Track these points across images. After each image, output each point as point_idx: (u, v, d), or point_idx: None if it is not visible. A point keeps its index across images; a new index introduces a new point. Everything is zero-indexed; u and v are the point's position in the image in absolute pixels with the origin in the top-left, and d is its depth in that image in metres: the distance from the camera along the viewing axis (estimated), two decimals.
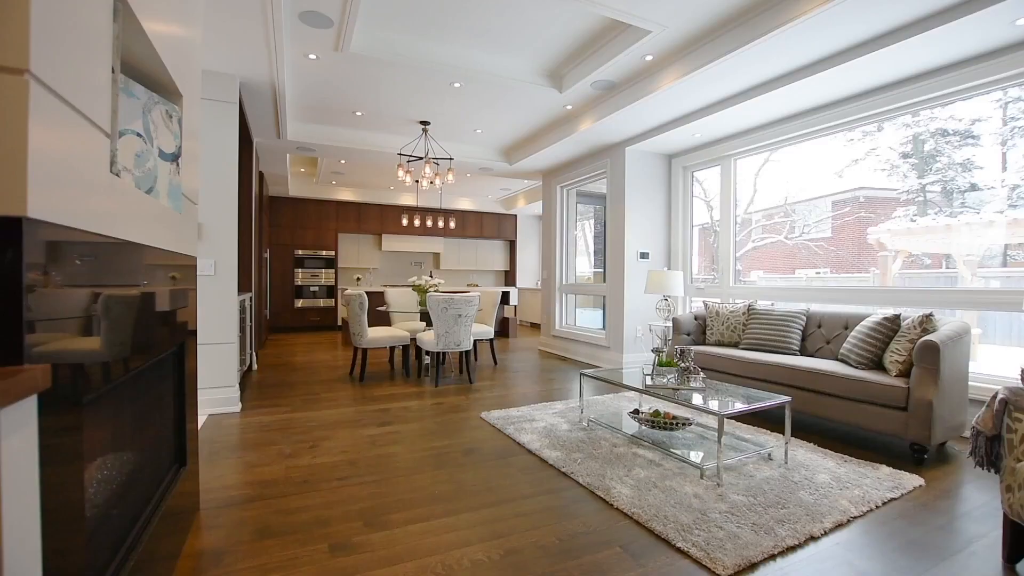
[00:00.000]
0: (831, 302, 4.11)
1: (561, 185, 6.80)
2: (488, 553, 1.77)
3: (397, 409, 3.70)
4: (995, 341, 4.59)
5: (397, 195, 9.78)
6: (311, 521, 2.00)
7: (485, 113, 5.06)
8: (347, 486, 2.33)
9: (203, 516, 2.03)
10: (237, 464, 2.60)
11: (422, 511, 2.09)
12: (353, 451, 2.80)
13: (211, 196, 3.63)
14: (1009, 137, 4.54)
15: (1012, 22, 2.74)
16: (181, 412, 1.85)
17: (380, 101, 4.74)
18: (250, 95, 4.17)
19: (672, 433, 3.00)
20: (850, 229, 6.58)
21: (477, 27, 3.55)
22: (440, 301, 4.34)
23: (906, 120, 4.83)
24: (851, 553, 1.80)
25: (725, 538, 1.85)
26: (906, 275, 5.19)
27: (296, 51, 3.64)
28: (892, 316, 3.11)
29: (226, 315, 3.67)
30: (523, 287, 10.69)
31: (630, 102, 4.20)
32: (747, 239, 7.37)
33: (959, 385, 2.79)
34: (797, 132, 4.32)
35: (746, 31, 3.16)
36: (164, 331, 1.55)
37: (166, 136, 1.54)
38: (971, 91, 3.29)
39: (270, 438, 3.02)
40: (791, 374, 3.27)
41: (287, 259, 9.00)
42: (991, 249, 4.62)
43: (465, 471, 2.53)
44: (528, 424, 3.27)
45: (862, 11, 2.76)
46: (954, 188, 5.43)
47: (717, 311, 4.26)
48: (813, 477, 2.42)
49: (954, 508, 2.16)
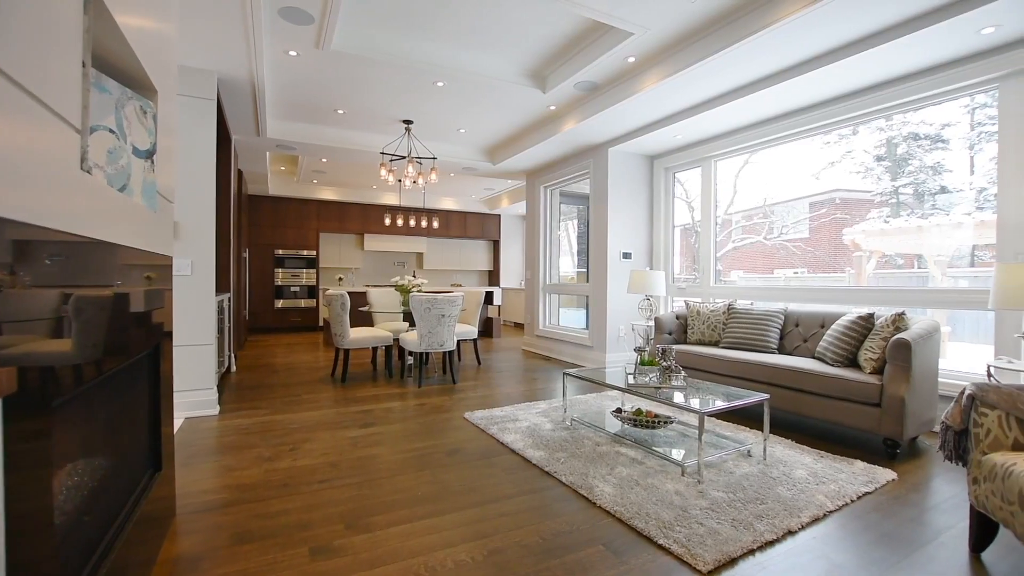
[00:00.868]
0: (808, 301, 4.20)
1: (545, 185, 6.81)
2: (471, 554, 1.76)
3: (380, 410, 3.67)
4: (963, 339, 4.75)
5: (380, 194, 9.70)
6: (291, 525, 1.97)
7: (469, 112, 5.05)
8: (328, 488, 2.30)
9: (179, 521, 1.98)
10: (215, 468, 2.55)
11: (405, 513, 2.07)
12: (335, 453, 2.77)
13: (188, 194, 3.55)
14: (976, 141, 4.70)
15: (978, 31, 2.83)
16: (156, 415, 1.81)
17: (362, 99, 4.70)
18: (228, 92, 4.09)
19: (654, 431, 3.03)
20: (826, 230, 6.73)
21: (461, 26, 3.54)
22: (423, 301, 4.31)
23: (880, 124, 4.96)
24: (827, 546, 1.84)
25: (705, 534, 1.88)
26: (880, 275, 5.33)
27: (276, 48, 3.59)
28: (866, 315, 3.19)
29: (203, 316, 3.60)
30: (507, 287, 10.70)
31: (613, 103, 4.24)
32: (727, 239, 7.49)
33: (929, 382, 2.88)
34: (775, 135, 4.41)
35: (725, 35, 3.21)
36: (138, 332, 1.52)
37: (140, 132, 1.51)
38: (941, 96, 3.40)
39: (249, 441, 2.96)
40: (770, 372, 3.34)
41: (267, 259, 8.85)
42: (960, 250, 4.77)
43: (448, 472, 2.52)
44: (511, 424, 3.27)
45: (836, 18, 2.83)
46: (925, 190, 5.60)
47: (698, 310, 4.32)
48: (791, 473, 2.47)
49: (924, 501, 2.23)
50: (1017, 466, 1.54)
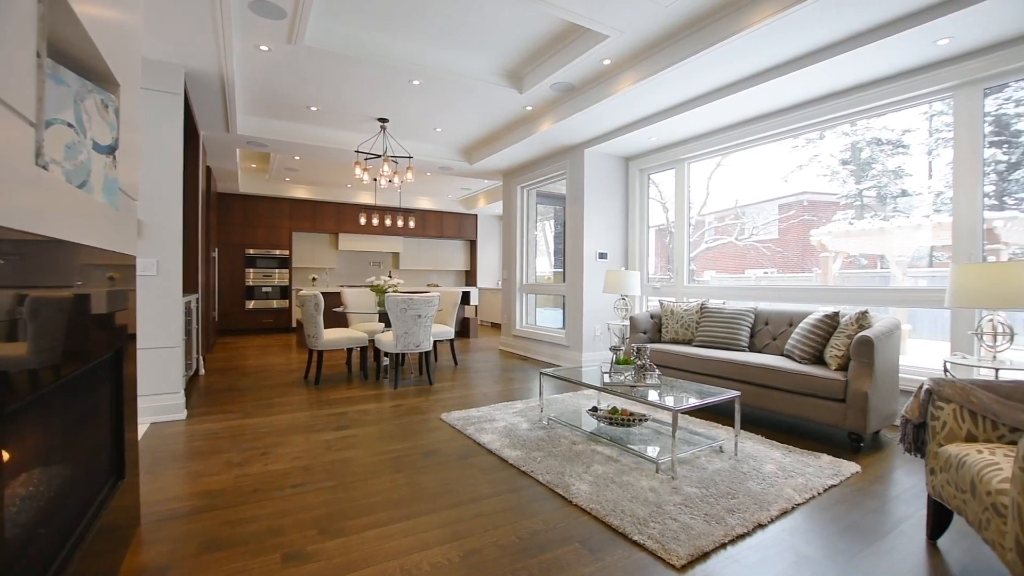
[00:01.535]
0: (777, 301, 4.31)
1: (521, 185, 6.83)
2: (448, 555, 1.76)
3: (354, 412, 3.61)
4: (923, 336, 4.95)
5: (355, 193, 9.56)
6: (262, 531, 1.92)
7: (445, 112, 5.02)
8: (301, 493, 2.26)
9: (144, 531, 1.92)
10: (182, 474, 2.47)
11: (380, 516, 2.05)
12: (308, 457, 2.72)
13: (153, 192, 3.43)
14: (934, 147, 4.90)
15: (933, 42, 2.96)
16: (119, 421, 1.74)
17: (336, 96, 4.62)
18: (196, 86, 3.97)
19: (629, 429, 3.07)
20: (795, 231, 6.93)
21: (437, 24, 3.51)
22: (399, 302, 4.27)
23: (845, 129, 5.13)
24: (795, 538, 1.90)
25: (679, 529, 1.91)
26: (845, 275, 5.52)
27: (246, 42, 3.50)
28: (832, 313, 3.29)
29: (170, 317, 3.48)
30: (484, 287, 10.68)
31: (589, 105, 4.28)
32: (700, 240, 7.63)
33: (891, 377, 3.00)
34: (746, 138, 4.52)
35: (698, 40, 3.27)
36: (99, 335, 1.46)
37: (101, 127, 1.45)
38: (901, 103, 3.54)
39: (218, 446, 2.88)
40: (741, 370, 3.42)
41: (237, 259, 8.63)
42: (919, 250, 4.98)
43: (425, 473, 2.50)
44: (488, 424, 3.27)
45: (802, 25, 2.92)
46: (887, 193, 5.81)
47: (672, 310, 4.40)
48: (761, 467, 2.54)
49: (886, 492, 2.32)
50: (969, 456, 1.62)
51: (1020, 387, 1.82)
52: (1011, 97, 3.89)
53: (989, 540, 1.45)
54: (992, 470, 1.49)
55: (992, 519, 1.42)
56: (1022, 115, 3.95)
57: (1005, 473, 1.45)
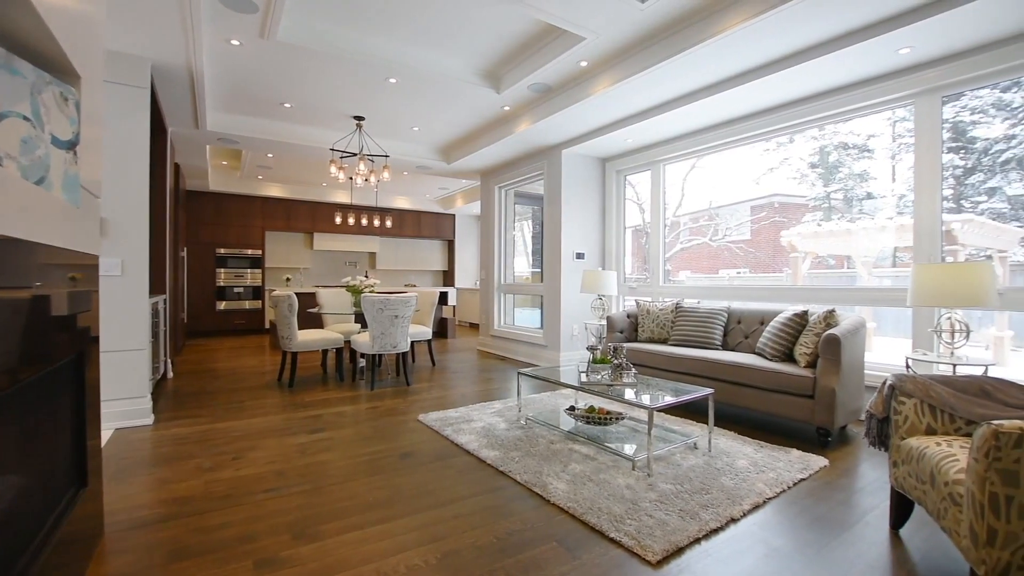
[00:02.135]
0: (749, 300, 4.42)
1: (499, 185, 6.83)
2: (425, 557, 1.74)
3: (330, 415, 3.56)
4: (887, 333, 5.14)
5: (330, 192, 9.41)
6: (233, 538, 1.87)
7: (422, 110, 4.98)
8: (274, 498, 2.21)
9: (108, 540, 1.85)
10: (149, 481, 2.39)
11: (356, 519, 2.02)
12: (281, 461, 2.66)
13: (118, 189, 3.31)
14: (897, 152, 5.10)
15: (895, 51, 3.08)
16: (81, 427, 1.67)
17: (311, 93, 4.54)
18: (164, 80, 3.85)
19: (606, 428, 3.10)
20: (766, 232, 7.12)
21: (414, 22, 3.48)
22: (376, 302, 4.22)
23: (814, 133, 5.30)
24: (767, 532, 1.94)
25: (655, 525, 1.94)
26: (814, 274, 5.69)
27: (217, 36, 3.41)
28: (801, 312, 3.39)
29: (136, 319, 3.37)
30: (462, 287, 10.64)
31: (566, 106, 4.30)
32: (675, 241, 7.77)
33: (857, 374, 3.10)
34: (720, 141, 4.61)
35: (673, 44, 3.33)
36: (60, 338, 1.40)
37: (60, 121, 1.39)
38: (866, 109, 3.66)
39: (187, 451, 2.80)
40: (714, 367, 3.49)
41: (207, 258, 8.39)
42: (883, 251, 5.17)
43: (402, 476, 2.48)
44: (466, 425, 3.26)
45: (773, 31, 2.99)
46: (853, 196, 6.02)
47: (648, 309, 4.46)
48: (734, 463, 2.59)
49: (852, 484, 2.40)
50: (929, 449, 1.68)
51: (975, 382, 1.90)
52: (967, 105, 4.07)
53: (946, 528, 1.51)
54: (949, 461, 1.55)
55: (949, 508, 1.48)
56: (977, 123, 4.13)
57: (961, 464, 1.51)
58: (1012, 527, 1.27)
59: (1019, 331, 4.07)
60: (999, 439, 1.27)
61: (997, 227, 3.91)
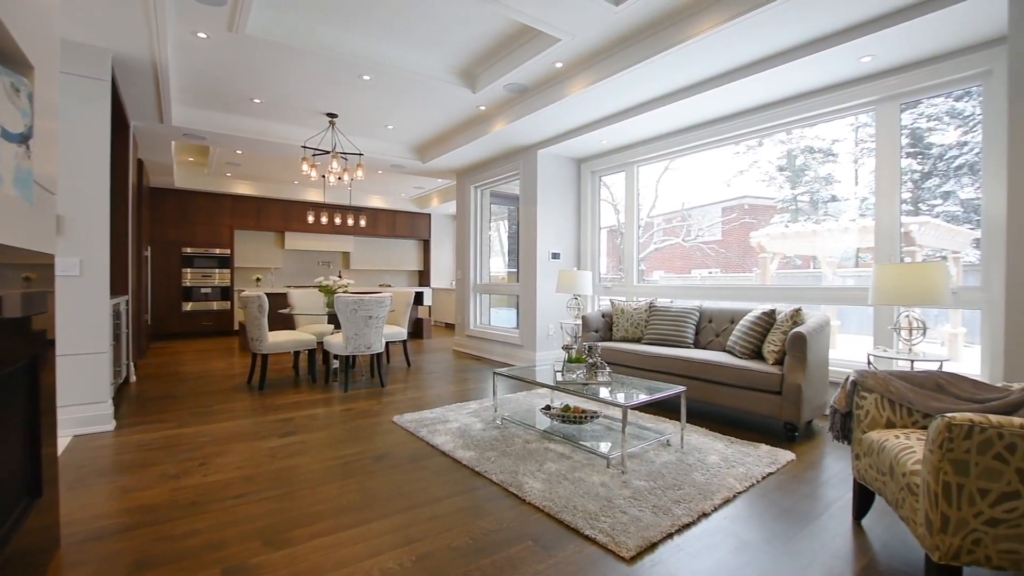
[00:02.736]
0: (720, 299, 4.52)
1: (475, 185, 6.81)
2: (399, 560, 1.73)
3: (302, 418, 3.49)
4: (850, 331, 5.34)
5: (302, 190, 9.22)
6: (201, 546, 1.82)
7: (397, 109, 4.93)
8: (244, 504, 2.16)
9: (65, 553, 1.77)
10: (109, 490, 2.30)
11: (329, 524, 1.98)
12: (251, 466, 2.59)
13: (76, 185, 3.17)
14: (860, 156, 5.29)
15: (858, 59, 3.19)
16: (34, 435, 1.60)
17: (282, 89, 4.44)
18: (126, 73, 3.71)
19: (581, 426, 3.12)
20: (736, 233, 7.29)
21: (388, 19, 3.44)
22: (349, 303, 4.16)
23: (781, 137, 5.45)
24: (737, 525, 1.99)
25: (628, 522, 1.96)
26: (782, 274, 5.86)
27: (183, 28, 3.30)
28: (769, 311, 3.48)
29: (96, 321, 3.23)
30: (437, 287, 10.57)
31: (541, 106, 4.32)
32: (649, 241, 7.90)
33: (822, 370, 3.20)
34: (692, 143, 4.70)
35: (646, 47, 3.38)
36: (11, 342, 1.33)
37: (11, 113, 1.32)
38: (831, 115, 3.79)
39: (151, 458, 2.70)
40: (686, 366, 3.55)
41: (173, 258, 8.12)
42: (847, 252, 5.36)
43: (376, 478, 2.45)
44: (442, 426, 3.24)
45: (742, 37, 3.07)
46: (819, 198, 6.23)
47: (622, 309, 4.51)
48: (705, 459, 2.65)
49: (818, 477, 2.48)
50: (888, 441, 1.75)
51: (931, 377, 1.99)
52: (924, 112, 4.26)
53: (904, 517, 1.57)
54: (907, 453, 1.62)
55: (907, 498, 1.55)
56: (933, 129, 4.32)
57: (918, 455, 1.58)
58: (963, 514, 1.34)
59: (971, 328, 4.27)
60: (951, 431, 1.34)
61: (951, 229, 4.10)
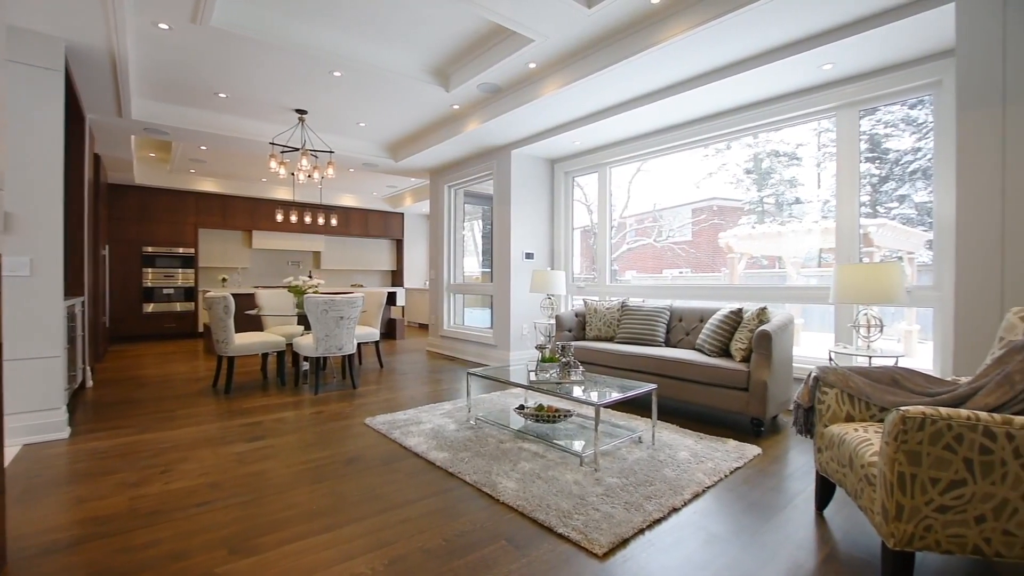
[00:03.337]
0: (691, 299, 4.62)
1: (449, 184, 6.77)
2: (371, 564, 1.70)
3: (270, 422, 3.40)
4: (813, 329, 5.52)
5: (270, 188, 8.99)
6: (162, 556, 1.75)
7: (369, 106, 4.86)
8: (208, 511, 2.09)
9: (12, 569, 1.68)
10: (63, 501, 2.19)
11: (298, 529, 1.94)
12: (216, 472, 2.51)
13: (26, 180, 3.01)
14: (822, 160, 5.48)
15: (819, 67, 3.31)
16: None
17: (249, 84, 4.32)
18: (81, 63, 3.54)
19: (555, 425, 3.14)
20: (706, 234, 7.46)
21: (360, 15, 3.39)
22: (320, 303, 4.07)
23: (749, 141, 5.60)
24: (706, 519, 2.04)
25: (601, 519, 1.98)
26: (749, 274, 6.02)
27: (143, 18, 3.17)
28: (736, 310, 3.57)
29: (48, 323, 3.07)
30: (411, 287, 10.47)
31: (514, 107, 4.33)
32: (622, 241, 7.99)
33: (786, 367, 3.31)
34: (663, 145, 4.79)
35: (618, 50, 3.42)
36: None
37: None
38: (795, 120, 3.92)
39: (108, 466, 2.59)
40: (657, 364, 3.62)
41: (132, 257, 7.80)
42: (810, 252, 5.55)
43: (347, 482, 2.40)
44: (415, 427, 3.21)
45: (710, 43, 3.14)
46: (784, 201, 6.42)
47: (595, 308, 4.56)
48: (675, 455, 2.70)
49: (783, 471, 2.56)
50: (848, 435, 1.82)
51: (887, 372, 2.08)
52: (881, 119, 4.44)
53: (863, 507, 1.64)
54: (865, 445, 1.69)
55: (865, 488, 1.61)
56: (890, 135, 4.51)
57: (875, 447, 1.65)
58: (916, 502, 1.40)
59: (925, 325, 4.48)
60: (906, 423, 1.40)
61: (907, 231, 4.29)
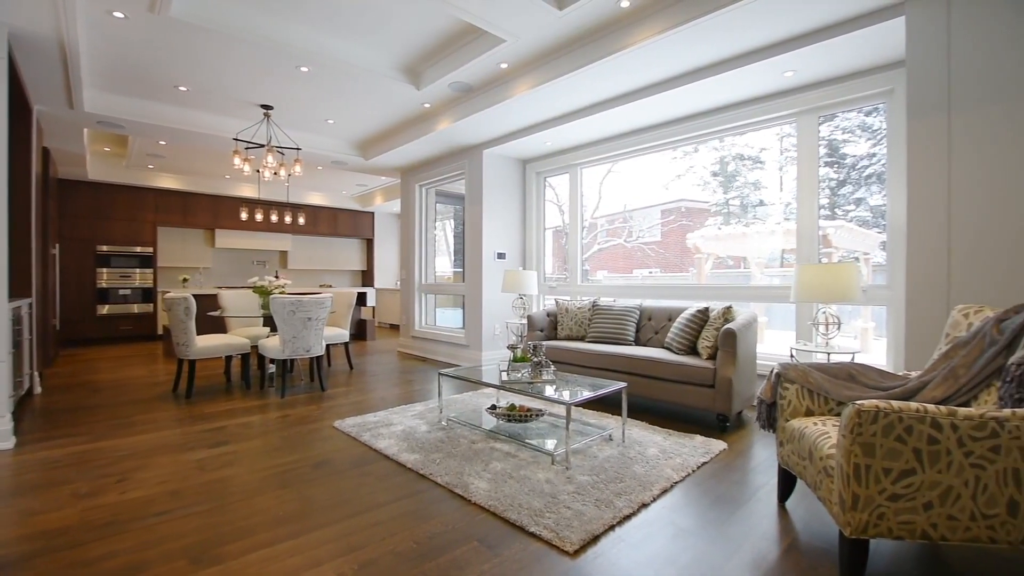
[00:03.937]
0: (660, 298, 4.71)
1: (420, 184, 6.71)
2: (341, 570, 1.67)
3: (234, 426, 3.29)
4: (776, 327, 5.72)
5: (234, 185, 8.72)
6: (119, 569, 1.67)
7: (338, 103, 4.77)
8: (168, 521, 2.01)
9: None
10: (8, 514, 2.07)
11: (264, 536, 1.89)
12: (176, 480, 2.42)
13: None
14: (784, 164, 5.67)
15: (781, 74, 3.43)
16: None
17: (211, 77, 4.17)
18: (26, 51, 3.35)
19: (527, 425, 3.15)
20: (675, 235, 7.62)
21: (327, 9, 3.32)
22: (286, 304, 3.97)
23: (715, 144, 5.75)
24: (675, 514, 2.08)
25: (572, 517, 2.00)
26: (716, 274, 6.18)
27: (96, 5, 3.03)
28: (703, 309, 3.66)
29: None
30: (382, 287, 10.33)
31: (486, 106, 4.32)
32: (593, 242, 8.08)
33: (750, 364, 3.41)
34: (633, 147, 4.87)
35: (588, 52, 3.46)
36: None
37: None
38: (759, 124, 4.05)
39: (59, 476, 2.46)
40: (627, 362, 3.67)
41: (85, 256, 7.44)
42: (773, 253, 5.73)
43: (315, 486, 2.35)
44: (386, 429, 3.17)
45: (677, 47, 3.21)
46: (748, 203, 6.61)
47: (567, 308, 4.60)
48: (645, 452, 2.75)
49: (747, 464, 2.64)
50: (808, 428, 1.89)
51: (844, 368, 2.17)
52: (839, 125, 4.62)
53: (822, 498, 1.70)
54: (824, 439, 1.75)
55: (823, 480, 1.67)
56: (847, 141, 4.70)
57: (833, 440, 1.72)
58: (870, 491, 1.47)
59: (879, 323, 4.69)
60: (861, 416, 1.46)
61: (863, 232, 4.49)
